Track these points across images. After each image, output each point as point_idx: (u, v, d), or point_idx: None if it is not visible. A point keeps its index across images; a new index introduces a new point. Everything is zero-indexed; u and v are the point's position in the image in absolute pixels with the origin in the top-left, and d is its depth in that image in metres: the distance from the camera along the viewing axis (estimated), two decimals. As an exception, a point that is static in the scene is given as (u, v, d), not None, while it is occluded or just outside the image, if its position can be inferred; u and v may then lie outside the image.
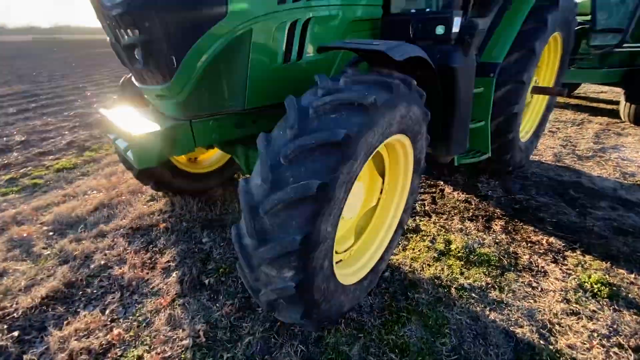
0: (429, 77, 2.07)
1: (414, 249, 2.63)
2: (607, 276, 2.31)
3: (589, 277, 2.29)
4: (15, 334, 1.93)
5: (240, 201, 1.35)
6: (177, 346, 1.84)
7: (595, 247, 2.63)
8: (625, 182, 3.73)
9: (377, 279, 2.18)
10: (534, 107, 4.14)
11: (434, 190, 3.59)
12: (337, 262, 1.81)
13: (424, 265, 2.44)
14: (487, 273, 2.36)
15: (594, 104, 7.27)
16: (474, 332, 1.90)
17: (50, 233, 2.88)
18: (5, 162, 4.55)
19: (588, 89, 8.59)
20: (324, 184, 1.23)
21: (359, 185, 1.92)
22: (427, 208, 3.22)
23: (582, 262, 2.46)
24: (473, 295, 2.16)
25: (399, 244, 2.68)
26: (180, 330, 1.94)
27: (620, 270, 2.37)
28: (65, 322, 2.00)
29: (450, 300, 2.12)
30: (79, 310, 2.11)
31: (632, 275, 2.32)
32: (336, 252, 2.02)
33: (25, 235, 2.85)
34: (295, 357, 1.77)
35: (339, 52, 2.36)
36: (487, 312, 2.03)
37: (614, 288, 2.20)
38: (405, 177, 2.18)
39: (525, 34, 2.98)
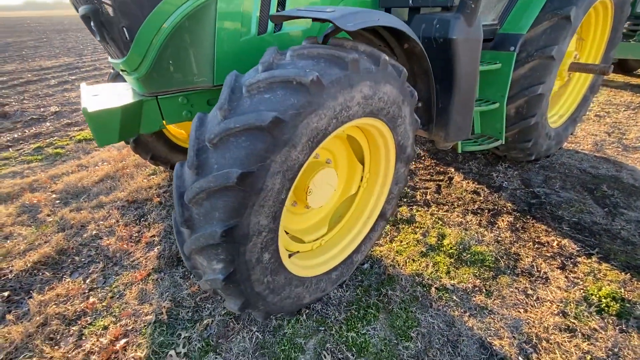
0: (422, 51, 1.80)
1: (401, 241, 2.44)
2: (622, 290, 1.99)
3: (599, 289, 1.98)
4: (6, 294, 2.09)
5: (173, 186, 1.27)
6: (141, 321, 1.89)
7: (617, 255, 2.27)
8: (678, 179, 3.17)
9: (350, 271, 2.06)
10: (573, 87, 3.59)
11: (441, 177, 3.30)
12: (293, 253, 1.70)
13: (407, 260, 2.26)
14: (477, 274, 2.13)
15: (662, 85, 6.21)
16: (444, 338, 1.74)
17: (57, 201, 3.07)
18: (37, 131, 4.89)
19: (658, 66, 7.34)
20: (247, 173, 1.11)
21: (328, 172, 1.76)
22: (428, 197, 2.97)
23: (596, 271, 2.14)
24: (454, 297, 1.96)
25: (386, 235, 2.50)
26: (147, 305, 1.98)
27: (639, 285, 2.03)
28: (48, 287, 2.13)
29: (427, 300, 1.95)
30: (64, 277, 2.24)
31: (655, 292, 1.97)
32: (303, 242, 1.92)
33: (35, 201, 3.05)
34: (250, 343, 1.74)
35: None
36: (466, 318, 1.84)
37: (627, 305, 1.89)
38: (387, 165, 1.97)
39: (557, -3, 2.50)
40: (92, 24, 1.65)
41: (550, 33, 2.51)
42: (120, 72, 1.92)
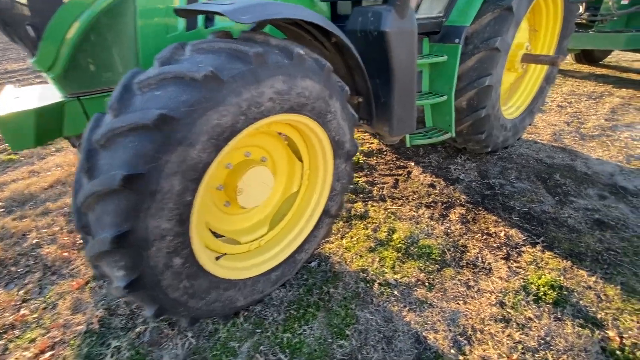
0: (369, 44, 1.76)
1: (352, 237, 2.42)
2: (561, 278, 2.01)
3: (539, 277, 2.00)
4: None
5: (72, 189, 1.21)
6: (71, 331, 1.81)
7: (561, 242, 2.30)
8: (628, 166, 3.24)
9: (293, 271, 2.02)
10: (529, 78, 3.62)
11: (400, 172, 3.30)
12: (221, 256, 1.66)
13: (355, 256, 2.24)
14: (422, 268, 2.13)
15: (624, 74, 6.37)
16: (380, 335, 1.72)
17: (1, 210, 2.94)
18: (-9, 137, 4.69)
19: (622, 57, 7.53)
20: (134, 175, 1.05)
21: (261, 171, 1.71)
22: (384, 192, 2.96)
23: (539, 260, 2.16)
24: (395, 292, 1.95)
25: (338, 232, 2.48)
26: (80, 315, 1.90)
27: (581, 272, 2.05)
28: (-23, 301, 2.03)
29: (369, 297, 1.93)
30: (-2, 288, 2.14)
31: (593, 278, 2.00)
32: (239, 243, 1.88)
33: (-23, 211, 2.91)
34: (182, 350, 1.68)
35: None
36: (404, 313, 1.83)
37: (565, 293, 1.91)
38: (325, 161, 1.93)
39: (499, -11, 2.50)
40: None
41: (494, 25, 2.52)
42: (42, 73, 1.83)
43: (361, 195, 2.92)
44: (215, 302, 1.58)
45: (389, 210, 2.71)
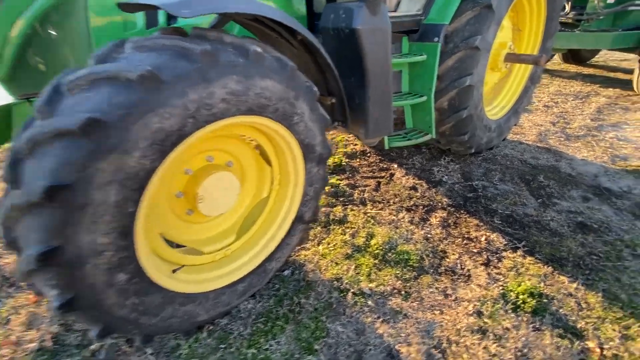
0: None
1: (329, 243, 2.33)
2: (542, 284, 1.94)
3: (519, 284, 1.93)
4: None
5: (0, 201, 1.10)
6: (22, 349, 1.69)
7: (542, 247, 2.23)
8: (612, 167, 3.20)
9: (263, 281, 1.92)
10: (514, 78, 3.57)
11: (383, 174, 3.21)
12: (178, 269, 1.55)
13: (330, 264, 2.15)
14: (399, 275, 2.04)
15: (611, 74, 6.38)
16: (351, 349, 1.63)
17: (-37, 217, 2.79)
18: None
19: (610, 56, 7.56)
20: (58, 187, 0.95)
21: (223, 176, 1.61)
22: (365, 195, 2.88)
23: (519, 265, 2.09)
24: (369, 303, 1.86)
25: (315, 238, 2.38)
26: (34, 331, 1.78)
27: (561, 278, 1.99)
28: None
29: (341, 307, 1.84)
30: (-50, 303, 2.00)
31: (574, 285, 1.93)
32: (202, 253, 1.77)
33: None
34: (140, 369, 1.58)
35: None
36: (378, 325, 1.74)
37: (544, 300, 1.84)
38: (295, 165, 1.84)
39: (479, -14, 2.43)
40: None
41: (474, 23, 2.45)
42: None
43: (341, 199, 2.83)
44: (171, 317, 1.48)
45: (368, 215, 2.62)
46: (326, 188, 2.98)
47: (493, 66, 3.18)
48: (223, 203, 1.69)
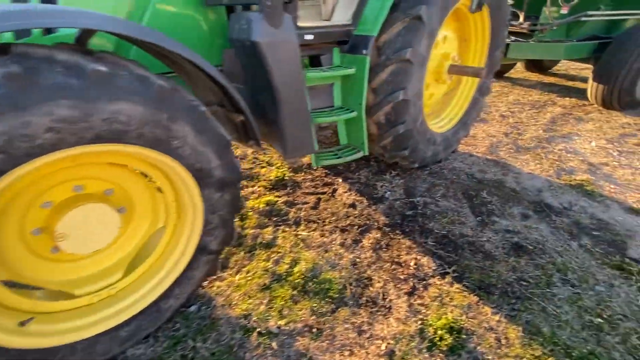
0: None
1: (248, 272, 2.14)
2: (463, 317, 1.81)
3: (439, 318, 1.79)
4: None
5: None
6: None
7: (472, 272, 2.11)
8: (557, 181, 3.15)
9: (157, 322, 1.71)
10: (462, 89, 3.49)
11: (325, 189, 3.05)
12: (27, 321, 1.33)
13: (243, 297, 1.96)
14: (315, 309, 1.87)
15: (570, 83, 6.48)
16: (241, 403, 1.45)
17: None
18: None
19: (571, 64, 7.70)
20: None
21: (93, 208, 1.41)
22: (302, 214, 2.70)
23: (444, 294, 1.96)
24: (274, 344, 1.68)
25: (235, 265, 2.19)
26: None
27: (485, 309, 1.87)
28: None
29: (242, 351, 1.66)
30: None
31: (497, 317, 1.81)
32: (74, 296, 1.55)
33: None
34: None
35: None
36: (277, 372, 1.56)
37: (463, 336, 1.71)
38: (190, 193, 1.64)
39: (409, -4, 2.31)
40: None
41: (405, 35, 2.33)
42: None
43: (275, 219, 2.65)
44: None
45: (299, 237, 2.45)
46: (261, 206, 2.81)
47: (437, 78, 3.09)
48: (97, 238, 1.48)
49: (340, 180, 3.20)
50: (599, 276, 2.08)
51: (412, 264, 2.19)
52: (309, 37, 2.14)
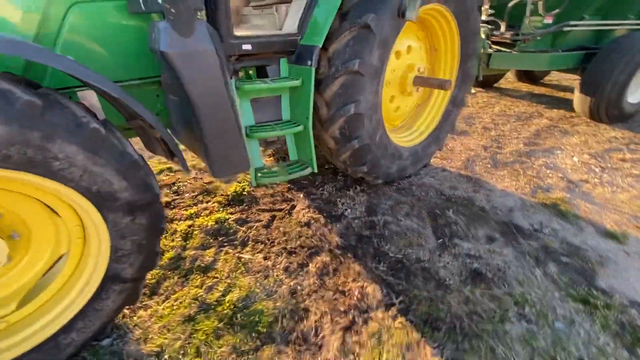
0: None
1: (176, 300, 1.96)
2: (399, 359, 1.62)
3: None
4: None
5: None
6: None
7: (420, 304, 1.92)
8: (531, 199, 2.96)
9: (57, 358, 1.54)
10: (434, 102, 3.33)
11: (283, 206, 2.89)
12: None
13: (162, 330, 1.78)
14: (237, 346, 1.69)
15: (560, 94, 6.30)
16: None
17: None
18: None
19: (564, 75, 7.52)
20: None
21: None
22: (251, 234, 2.53)
23: (384, 331, 1.77)
24: (180, 388, 1.50)
25: (164, 292, 2.02)
26: None
27: (426, 349, 1.67)
28: None
29: (143, 396, 1.48)
30: None
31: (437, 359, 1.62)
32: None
33: None
34: None
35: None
36: (175, 423, 1.38)
37: (394, 382, 1.51)
38: (90, 217, 1.48)
39: (357, 5, 2.17)
40: None
41: (353, 45, 2.18)
42: None
43: (221, 239, 2.48)
44: None
45: (242, 260, 2.27)
46: (210, 224, 2.64)
47: (403, 90, 2.94)
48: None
49: (302, 195, 3.03)
50: (559, 310, 1.87)
51: (356, 293, 2.00)
52: (247, 47, 2.00)
